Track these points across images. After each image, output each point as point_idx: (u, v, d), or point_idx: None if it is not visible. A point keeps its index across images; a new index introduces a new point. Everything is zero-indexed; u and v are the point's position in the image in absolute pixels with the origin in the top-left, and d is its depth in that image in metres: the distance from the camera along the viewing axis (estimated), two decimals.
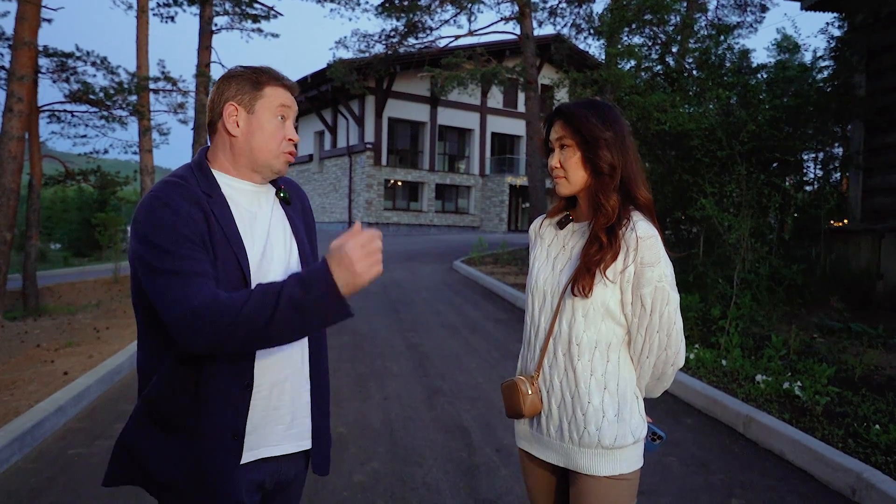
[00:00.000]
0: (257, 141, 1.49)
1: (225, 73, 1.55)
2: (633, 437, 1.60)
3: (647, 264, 1.53)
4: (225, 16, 14.37)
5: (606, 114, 1.62)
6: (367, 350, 6.49)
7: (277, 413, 1.51)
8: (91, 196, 24.33)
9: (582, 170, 1.61)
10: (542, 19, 17.27)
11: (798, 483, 3.52)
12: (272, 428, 1.50)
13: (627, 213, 1.59)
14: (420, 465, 3.71)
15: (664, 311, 1.55)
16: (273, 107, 1.50)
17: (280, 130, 1.51)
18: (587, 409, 1.59)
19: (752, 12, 17.67)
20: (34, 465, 3.67)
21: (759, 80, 8.75)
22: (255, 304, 1.25)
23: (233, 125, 1.49)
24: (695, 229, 8.56)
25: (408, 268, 13.59)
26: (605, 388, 1.60)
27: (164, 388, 1.42)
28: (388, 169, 30.28)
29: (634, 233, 1.55)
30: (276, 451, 1.52)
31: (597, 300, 1.57)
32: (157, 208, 1.37)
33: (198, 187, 1.46)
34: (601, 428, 1.58)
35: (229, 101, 1.49)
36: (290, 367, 1.53)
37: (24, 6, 9.20)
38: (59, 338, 6.81)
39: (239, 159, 1.52)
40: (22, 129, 9.21)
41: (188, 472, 1.41)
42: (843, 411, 4.31)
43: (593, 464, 1.59)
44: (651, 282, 1.54)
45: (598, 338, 1.60)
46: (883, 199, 8.03)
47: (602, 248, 1.56)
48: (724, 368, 5.31)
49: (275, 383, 1.49)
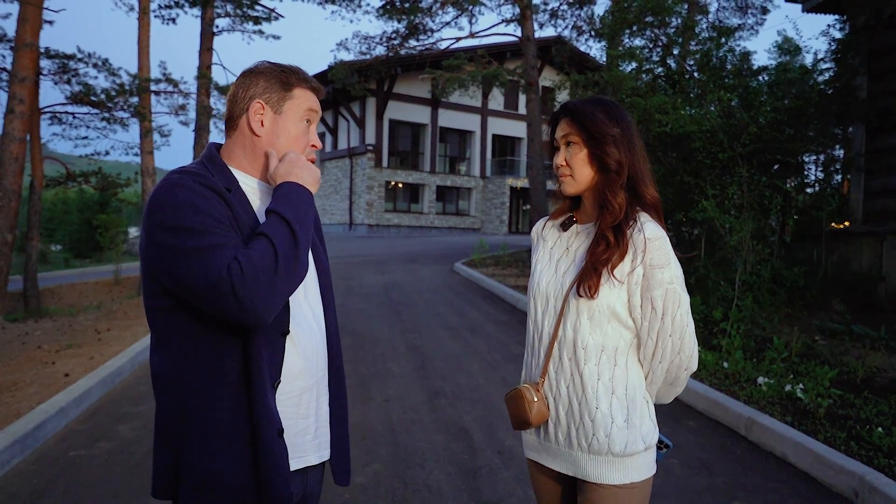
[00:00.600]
0: (282, 144, 1.45)
1: (251, 67, 1.48)
2: (644, 444, 1.55)
3: (656, 266, 1.50)
4: (226, 18, 14.36)
5: (613, 111, 1.59)
6: (368, 351, 6.48)
7: (306, 423, 1.48)
8: (92, 198, 24.32)
9: (588, 167, 1.58)
10: (544, 21, 17.30)
11: (800, 485, 3.51)
12: (302, 437, 1.47)
13: (634, 212, 1.56)
14: (422, 466, 3.70)
15: (676, 314, 1.51)
16: (301, 110, 1.46)
17: (305, 136, 1.48)
18: (595, 414, 1.54)
19: (753, 14, 17.67)
20: (35, 467, 3.67)
21: (760, 83, 8.76)
22: (280, 239, 1.28)
23: (258, 124, 1.43)
24: (696, 231, 8.56)
25: (409, 269, 13.59)
26: (612, 393, 1.55)
27: (204, 393, 1.34)
28: (389, 171, 30.30)
29: (642, 234, 1.51)
30: (305, 462, 1.49)
31: (602, 302, 1.53)
32: (176, 192, 1.29)
33: (217, 180, 1.39)
34: (610, 434, 1.53)
35: (256, 98, 1.43)
36: (314, 375, 1.50)
37: (26, 8, 9.22)
38: (60, 339, 6.81)
39: (259, 159, 1.46)
40: (23, 131, 9.22)
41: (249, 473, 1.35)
42: (846, 414, 4.30)
43: (603, 472, 1.55)
44: (662, 284, 1.50)
45: (604, 341, 1.55)
46: (885, 201, 8.02)
47: (609, 247, 1.52)
48: (726, 371, 5.30)
49: (303, 390, 1.46)
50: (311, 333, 1.49)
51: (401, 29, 18.54)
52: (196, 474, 1.35)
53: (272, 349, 1.37)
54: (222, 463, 1.34)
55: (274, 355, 1.38)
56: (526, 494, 3.36)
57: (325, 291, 1.58)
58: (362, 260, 15.31)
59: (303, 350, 1.45)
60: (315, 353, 1.49)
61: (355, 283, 11.42)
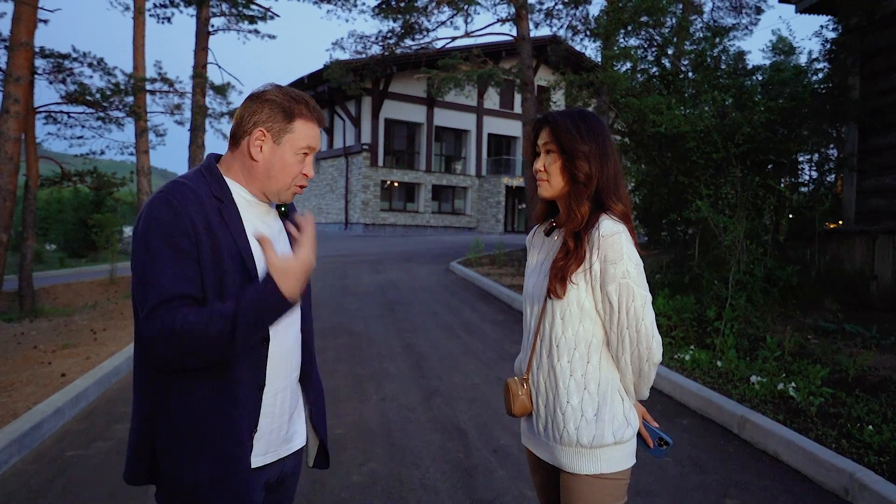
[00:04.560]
0: (275, 172, 1.53)
1: (259, 91, 1.54)
2: (613, 438, 1.63)
3: (609, 261, 1.59)
4: (222, 17, 14.34)
5: (591, 125, 1.69)
6: (364, 351, 6.51)
7: (282, 418, 1.58)
8: (86, 197, 24.24)
9: (561, 176, 1.69)
10: (539, 21, 17.31)
11: (792, 483, 3.55)
12: (277, 433, 1.57)
13: (596, 217, 1.64)
14: (418, 465, 3.73)
15: (630, 307, 1.59)
16: (298, 147, 1.53)
17: (298, 166, 1.54)
18: (566, 408, 1.65)
19: (747, 14, 17.75)
20: (33, 467, 3.68)
21: (754, 83, 8.80)
22: (216, 332, 1.31)
23: (257, 150, 1.51)
24: (690, 231, 8.61)
25: (404, 269, 13.61)
26: (584, 389, 1.65)
27: (186, 394, 1.42)
28: (385, 170, 30.29)
29: (598, 231, 1.60)
30: (277, 456, 1.59)
31: (572, 301, 1.64)
32: (160, 207, 1.40)
33: (209, 191, 1.48)
34: (579, 427, 1.63)
35: (259, 125, 1.51)
36: (291, 373, 1.61)
37: (21, 7, 9.19)
38: (56, 339, 6.81)
39: (253, 181, 1.55)
40: (18, 131, 9.19)
41: (210, 474, 1.43)
42: (837, 412, 4.34)
43: (574, 462, 1.65)
44: (615, 279, 1.59)
45: (576, 338, 1.65)
46: (877, 200, 8.08)
47: (568, 254, 1.64)
48: (719, 369, 5.34)
49: (278, 389, 1.56)
50: (288, 336, 1.58)
51: (396, 28, 18.53)
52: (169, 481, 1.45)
53: (255, 355, 1.47)
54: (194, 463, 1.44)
55: (258, 359, 1.48)
56: (521, 493, 3.39)
57: (304, 302, 1.65)
58: (358, 259, 15.32)
59: (280, 353, 1.54)
60: (289, 358, 1.59)
61: (351, 282, 11.44)
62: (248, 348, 1.42)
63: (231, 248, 1.44)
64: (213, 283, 1.40)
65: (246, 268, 1.45)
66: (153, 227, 1.38)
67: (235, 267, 1.43)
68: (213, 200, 1.47)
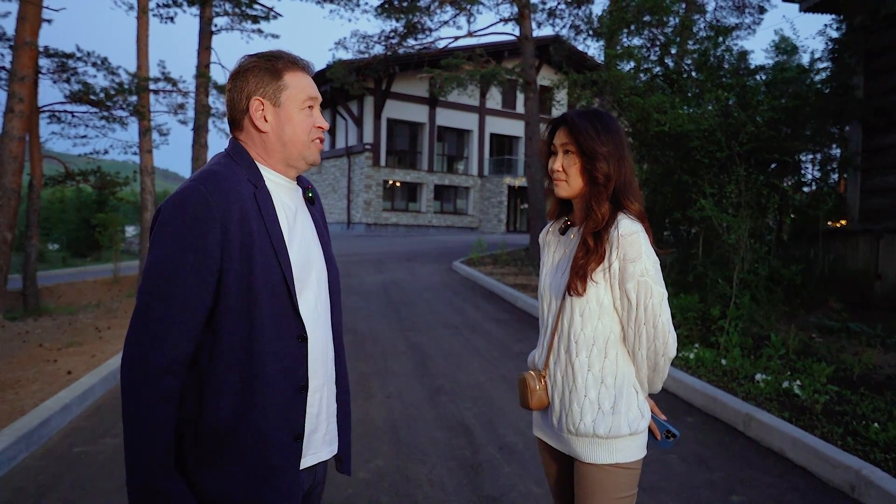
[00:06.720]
0: (288, 134, 1.47)
1: (237, 67, 1.49)
2: (629, 429, 1.67)
3: (629, 260, 1.62)
4: (225, 16, 14.34)
5: (607, 125, 1.71)
6: (368, 349, 6.52)
7: (318, 420, 1.52)
8: (89, 196, 24.26)
9: (581, 177, 1.72)
10: (542, 20, 17.30)
11: (798, 480, 3.56)
12: (314, 435, 1.52)
13: (615, 217, 1.67)
14: (424, 462, 3.74)
15: (648, 304, 1.63)
16: (299, 101, 1.48)
17: (309, 119, 1.49)
18: (584, 402, 1.68)
19: (750, 14, 17.71)
20: (41, 463, 3.70)
21: (757, 82, 8.79)
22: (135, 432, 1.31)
23: (261, 120, 1.46)
24: (694, 230, 8.60)
25: (407, 268, 13.62)
26: (602, 383, 1.69)
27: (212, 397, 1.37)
28: (387, 170, 30.31)
29: (617, 230, 1.64)
30: (317, 459, 1.54)
31: (591, 298, 1.67)
32: (189, 199, 1.35)
33: (244, 175, 1.43)
34: (596, 420, 1.67)
35: (253, 95, 1.46)
36: (326, 374, 1.55)
37: (25, 6, 9.22)
38: (61, 338, 6.82)
39: (272, 154, 1.49)
40: (23, 130, 9.22)
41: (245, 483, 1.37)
42: (842, 410, 4.34)
43: (590, 452, 1.68)
44: (634, 276, 1.62)
45: (595, 335, 1.68)
46: (880, 199, 8.08)
47: (588, 252, 1.66)
48: (724, 367, 5.34)
49: (315, 389, 1.51)
50: (323, 334, 1.54)
51: (399, 28, 18.52)
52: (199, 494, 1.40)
53: (296, 354, 1.43)
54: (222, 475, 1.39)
55: (296, 360, 1.43)
56: (527, 489, 3.40)
57: (334, 296, 1.61)
58: (361, 259, 15.33)
59: (316, 351, 1.50)
60: (325, 353, 1.54)
61: (354, 281, 11.45)
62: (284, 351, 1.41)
63: (263, 239, 1.39)
64: (239, 278, 1.36)
65: (277, 259, 1.40)
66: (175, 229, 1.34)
67: (266, 259, 1.39)
68: (248, 185, 1.42)
